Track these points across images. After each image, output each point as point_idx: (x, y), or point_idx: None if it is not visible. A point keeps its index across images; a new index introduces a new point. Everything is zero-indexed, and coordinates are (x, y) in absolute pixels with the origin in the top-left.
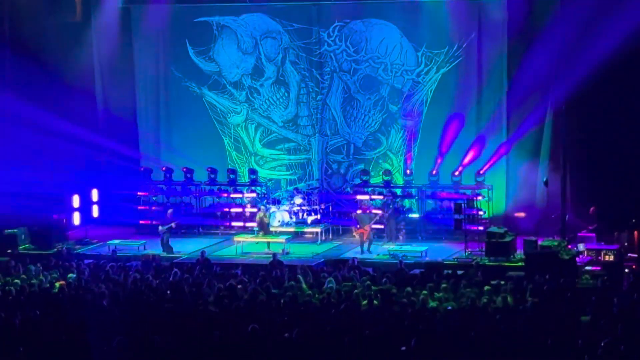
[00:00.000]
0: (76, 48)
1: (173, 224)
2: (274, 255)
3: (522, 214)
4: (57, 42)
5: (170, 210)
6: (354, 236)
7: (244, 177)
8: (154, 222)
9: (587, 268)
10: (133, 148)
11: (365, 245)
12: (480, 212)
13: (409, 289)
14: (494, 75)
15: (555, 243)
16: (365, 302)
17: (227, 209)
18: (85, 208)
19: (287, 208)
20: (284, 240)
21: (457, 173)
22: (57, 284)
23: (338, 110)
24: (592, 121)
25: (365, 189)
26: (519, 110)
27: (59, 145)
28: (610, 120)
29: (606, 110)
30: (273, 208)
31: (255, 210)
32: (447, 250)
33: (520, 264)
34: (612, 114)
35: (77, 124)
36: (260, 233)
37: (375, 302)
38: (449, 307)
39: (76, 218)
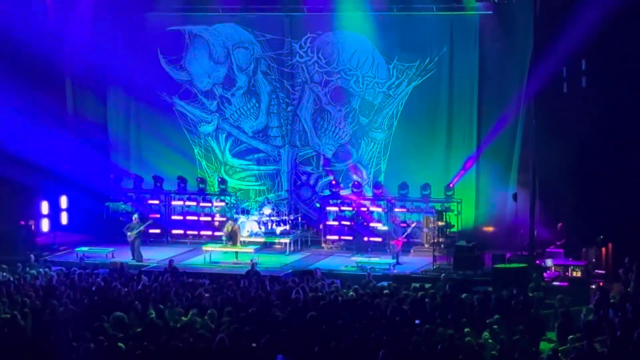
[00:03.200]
0: (48, 54)
1: (142, 228)
2: (253, 264)
3: (490, 228)
4: (28, 48)
5: (135, 216)
6: (388, 247)
7: (213, 186)
8: (122, 230)
9: (554, 284)
10: (103, 155)
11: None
12: (450, 226)
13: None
14: (465, 89)
15: (523, 258)
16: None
17: (196, 218)
18: (53, 214)
19: (256, 218)
20: (252, 251)
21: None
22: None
23: (308, 121)
24: (562, 137)
25: (335, 201)
26: (490, 124)
27: (28, 151)
28: (580, 136)
29: (577, 126)
30: (242, 218)
31: (224, 219)
32: (416, 263)
33: (487, 278)
34: (582, 130)
35: (47, 130)
36: (229, 243)
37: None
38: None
39: (45, 224)
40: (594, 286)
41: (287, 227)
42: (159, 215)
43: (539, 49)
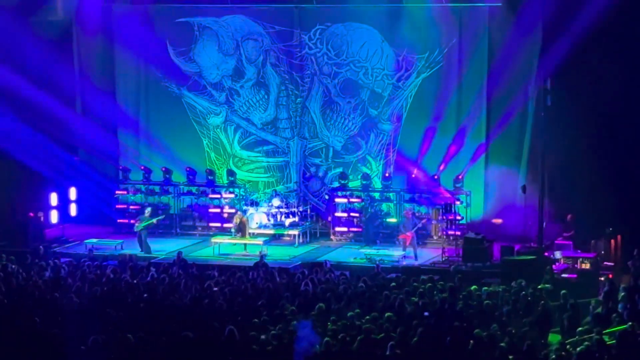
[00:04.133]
0: (57, 46)
1: (152, 222)
2: (262, 256)
3: (499, 220)
4: (37, 39)
5: (148, 209)
6: (397, 241)
7: (222, 178)
8: (131, 222)
9: (563, 276)
10: (112, 147)
11: (409, 250)
12: (458, 217)
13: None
14: (474, 81)
15: (532, 250)
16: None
17: (205, 210)
18: (63, 206)
19: (265, 210)
20: (261, 242)
21: (436, 177)
22: None
23: (317, 113)
24: (571, 129)
25: (343, 193)
26: (499, 115)
27: (38, 143)
28: (589, 128)
29: (586, 118)
30: (251, 210)
31: (233, 211)
32: (425, 255)
33: (496, 270)
34: (592, 122)
35: (55, 122)
36: (238, 235)
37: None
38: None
39: (54, 216)
40: (602, 278)
41: (296, 218)
42: (168, 207)
43: (548, 40)
